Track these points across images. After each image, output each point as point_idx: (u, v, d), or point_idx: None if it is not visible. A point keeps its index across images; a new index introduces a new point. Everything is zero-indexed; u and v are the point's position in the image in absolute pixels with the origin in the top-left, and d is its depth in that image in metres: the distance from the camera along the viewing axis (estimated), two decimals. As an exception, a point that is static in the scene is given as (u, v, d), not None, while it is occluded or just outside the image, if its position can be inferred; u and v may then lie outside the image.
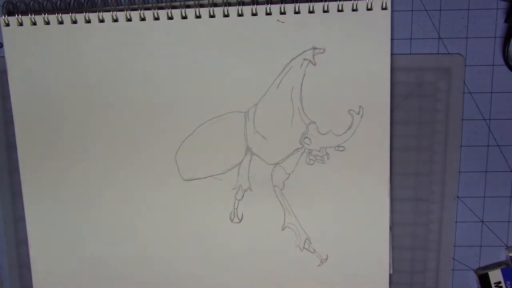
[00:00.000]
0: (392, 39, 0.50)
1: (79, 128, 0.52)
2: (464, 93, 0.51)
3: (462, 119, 0.52)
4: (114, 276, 0.54)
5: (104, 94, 0.51)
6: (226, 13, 0.49)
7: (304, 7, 0.49)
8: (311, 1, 0.49)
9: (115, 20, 0.50)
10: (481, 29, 0.51)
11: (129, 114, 0.51)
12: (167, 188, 0.52)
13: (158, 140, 0.52)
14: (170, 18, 0.50)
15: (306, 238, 0.52)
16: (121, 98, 0.51)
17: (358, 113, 0.50)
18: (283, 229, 0.52)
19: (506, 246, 0.54)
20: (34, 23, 0.50)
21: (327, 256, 0.53)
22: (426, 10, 0.50)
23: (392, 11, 0.50)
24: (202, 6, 0.50)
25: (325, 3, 0.48)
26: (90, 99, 0.51)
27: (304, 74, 0.50)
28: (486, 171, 0.53)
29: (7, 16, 0.50)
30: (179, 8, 0.49)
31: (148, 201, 0.52)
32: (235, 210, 0.52)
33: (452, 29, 0.51)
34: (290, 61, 0.50)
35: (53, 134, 0.52)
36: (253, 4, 0.49)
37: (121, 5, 0.51)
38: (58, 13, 0.50)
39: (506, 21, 0.50)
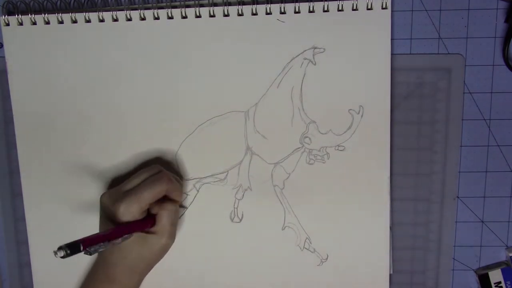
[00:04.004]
0: (392, 39, 0.50)
1: (79, 127, 0.52)
2: (464, 93, 0.51)
3: (462, 119, 0.52)
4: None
5: (104, 94, 0.51)
6: (226, 12, 0.49)
7: (304, 6, 0.49)
8: (311, 1, 0.49)
9: (115, 20, 0.50)
10: (481, 29, 0.51)
11: (129, 114, 0.51)
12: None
13: (158, 140, 0.52)
14: (170, 18, 0.50)
15: (306, 238, 0.52)
16: (121, 98, 0.51)
17: (358, 113, 0.50)
18: (283, 228, 0.52)
19: (506, 246, 0.54)
20: (34, 23, 0.50)
21: (327, 255, 0.53)
22: (426, 10, 0.51)
23: (392, 11, 0.50)
24: (202, 5, 0.50)
25: (325, 2, 0.49)
26: (90, 98, 0.51)
27: (304, 74, 0.50)
28: (486, 171, 0.53)
29: (7, 16, 0.50)
30: (179, 8, 0.49)
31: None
32: (235, 209, 0.52)
33: (452, 29, 0.51)
34: (290, 61, 0.50)
35: (53, 134, 0.52)
36: (253, 4, 0.49)
37: (121, 5, 0.51)
38: (58, 13, 0.50)
39: (506, 21, 0.50)
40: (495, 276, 0.53)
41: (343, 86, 0.50)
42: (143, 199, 0.44)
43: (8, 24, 0.51)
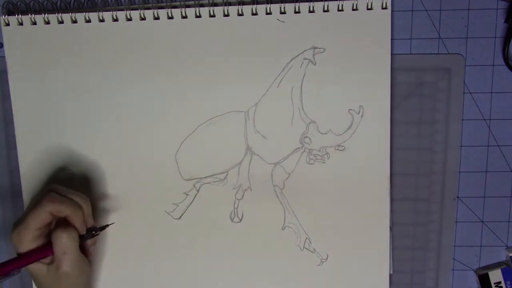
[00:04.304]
0: (392, 39, 0.50)
1: (79, 127, 0.52)
2: (464, 93, 0.51)
3: (462, 119, 0.52)
4: (112, 274, 0.54)
5: (104, 94, 0.51)
6: (226, 12, 0.49)
7: (304, 6, 0.49)
8: (311, 1, 0.49)
9: (115, 20, 0.50)
10: (481, 29, 0.51)
11: (129, 114, 0.51)
12: (167, 188, 0.52)
13: (158, 140, 0.52)
14: (170, 18, 0.50)
15: (306, 238, 0.52)
16: (121, 98, 0.51)
17: (358, 113, 0.50)
18: (283, 228, 0.52)
19: (506, 246, 0.54)
20: (34, 23, 0.50)
21: (327, 255, 0.52)
22: (426, 10, 0.51)
23: (392, 11, 0.50)
24: (202, 5, 0.50)
25: (325, 2, 0.49)
26: (90, 98, 0.51)
27: (304, 74, 0.50)
28: (486, 171, 0.53)
29: (7, 16, 0.50)
30: (179, 8, 0.49)
31: (148, 201, 0.52)
32: (235, 209, 0.52)
33: (452, 29, 0.51)
34: (290, 61, 0.50)
35: (53, 134, 0.52)
36: (253, 4, 0.49)
37: (121, 5, 0.51)
38: (58, 13, 0.50)
39: (506, 21, 0.50)
40: (495, 276, 0.53)
41: (343, 86, 0.50)
42: (28, 226, 0.42)
43: (8, 24, 0.51)
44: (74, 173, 0.52)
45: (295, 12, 0.49)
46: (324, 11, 0.49)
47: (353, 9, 0.49)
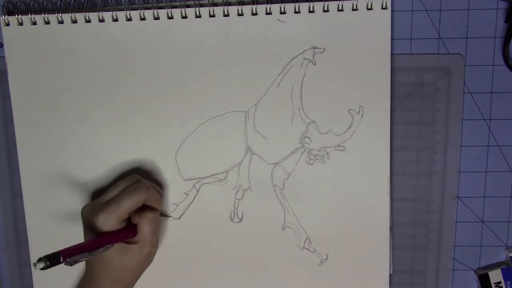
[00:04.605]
0: (392, 39, 0.50)
1: (79, 127, 0.52)
2: (464, 93, 0.51)
3: (462, 119, 0.52)
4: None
5: (104, 94, 0.51)
6: (226, 12, 0.49)
7: (304, 6, 0.49)
8: (311, 1, 0.49)
9: (115, 20, 0.50)
10: (481, 29, 0.51)
11: (129, 114, 0.51)
12: (167, 188, 0.52)
13: (158, 140, 0.52)
14: (170, 18, 0.50)
15: (306, 238, 0.52)
16: (121, 98, 0.51)
17: (358, 113, 0.50)
18: (283, 228, 0.52)
19: (506, 246, 0.54)
20: (34, 23, 0.50)
21: (327, 255, 0.53)
22: (426, 10, 0.51)
23: (392, 11, 0.50)
24: (202, 6, 0.50)
25: (325, 2, 0.49)
26: (90, 99, 0.51)
27: (304, 74, 0.50)
28: (486, 171, 0.53)
29: (7, 16, 0.50)
30: (179, 8, 0.49)
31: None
32: (235, 209, 0.52)
33: (452, 29, 0.51)
34: (290, 61, 0.50)
35: (53, 133, 0.52)
36: (253, 4, 0.49)
37: (121, 5, 0.51)
38: (58, 13, 0.50)
39: (506, 21, 0.50)
40: (495, 276, 0.53)
41: (343, 86, 0.50)
42: (121, 209, 0.45)
43: (8, 24, 0.51)
44: (74, 173, 0.52)
45: (295, 12, 0.49)
46: (324, 11, 0.49)
47: (353, 9, 0.49)
